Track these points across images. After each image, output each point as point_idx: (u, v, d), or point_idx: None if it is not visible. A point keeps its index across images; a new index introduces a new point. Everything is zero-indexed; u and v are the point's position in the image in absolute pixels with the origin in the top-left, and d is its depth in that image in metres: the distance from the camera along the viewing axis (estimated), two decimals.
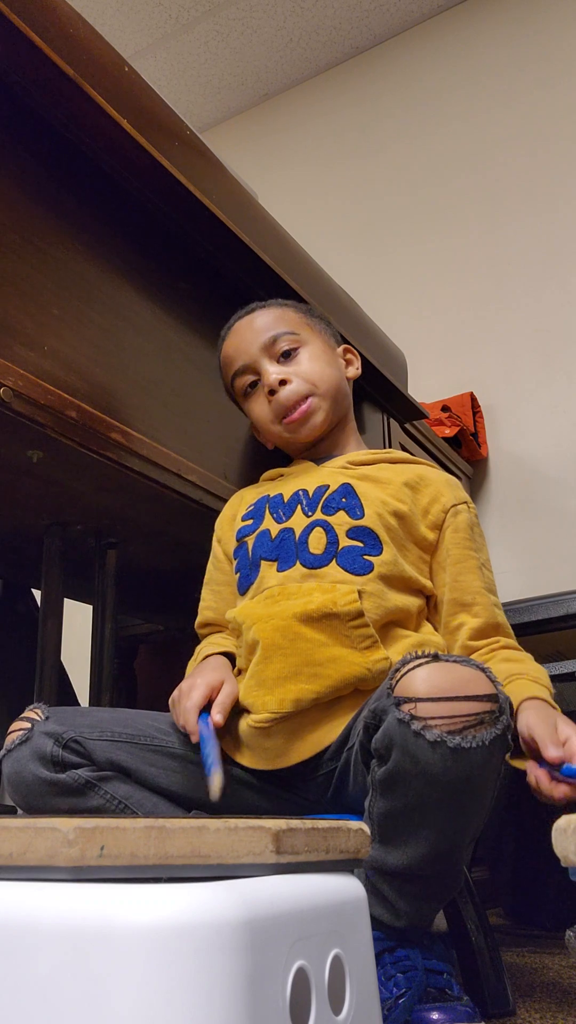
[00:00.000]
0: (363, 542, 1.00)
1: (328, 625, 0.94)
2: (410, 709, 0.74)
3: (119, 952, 0.39)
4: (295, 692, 0.92)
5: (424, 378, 2.45)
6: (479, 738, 0.74)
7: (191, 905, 0.40)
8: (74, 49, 0.98)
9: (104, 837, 0.42)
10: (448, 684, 0.75)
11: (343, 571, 0.98)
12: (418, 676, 0.76)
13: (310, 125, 3.15)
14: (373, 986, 0.51)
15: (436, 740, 0.73)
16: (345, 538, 1.00)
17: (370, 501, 1.03)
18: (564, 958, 1.26)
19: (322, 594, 0.96)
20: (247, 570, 1.06)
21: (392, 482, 1.07)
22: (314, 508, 1.04)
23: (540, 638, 1.36)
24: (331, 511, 1.03)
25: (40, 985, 0.39)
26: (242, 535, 1.09)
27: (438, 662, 0.77)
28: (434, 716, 0.74)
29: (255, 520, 1.08)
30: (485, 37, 2.84)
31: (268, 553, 1.04)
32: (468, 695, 0.75)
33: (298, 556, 1.01)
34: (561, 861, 0.59)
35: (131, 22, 2.95)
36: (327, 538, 1.00)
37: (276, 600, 0.98)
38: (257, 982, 0.40)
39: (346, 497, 1.04)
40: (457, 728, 0.73)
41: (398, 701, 0.76)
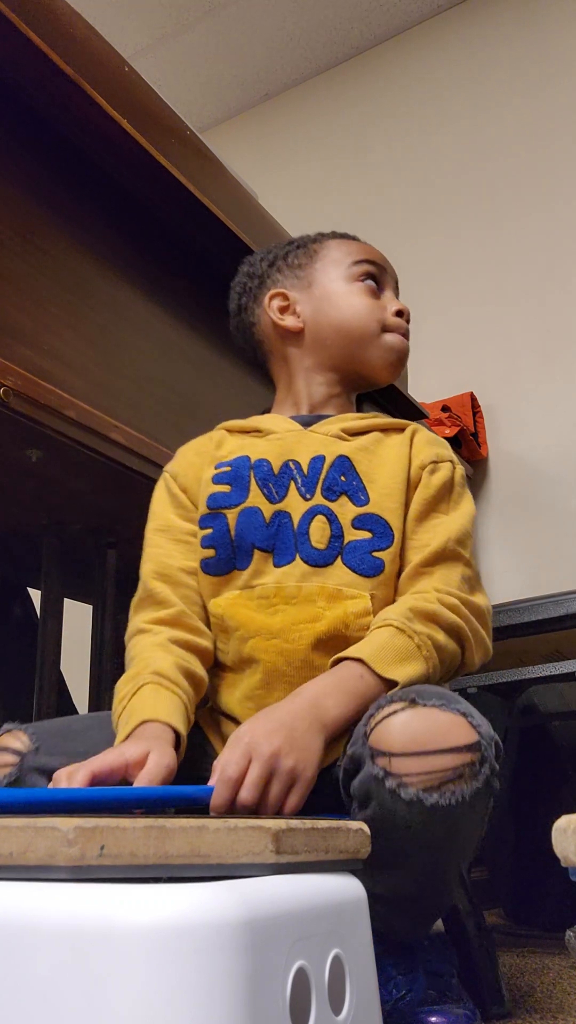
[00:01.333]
0: (371, 531, 0.88)
1: (335, 648, 0.84)
2: (384, 764, 0.68)
3: (119, 952, 0.39)
4: None
5: (424, 378, 2.45)
6: (458, 794, 0.68)
7: (191, 905, 0.40)
8: (74, 49, 0.98)
9: (104, 836, 0.42)
10: (425, 735, 0.68)
11: (350, 572, 0.86)
12: (393, 726, 0.69)
13: (310, 125, 3.15)
14: (373, 986, 0.51)
15: (412, 800, 0.67)
16: (351, 529, 0.88)
17: (373, 482, 0.91)
18: (564, 958, 1.26)
19: (329, 605, 0.85)
20: (228, 552, 0.89)
21: (388, 456, 0.94)
22: (312, 490, 0.90)
23: (540, 638, 1.36)
24: (333, 496, 0.90)
25: (40, 985, 0.39)
26: (219, 504, 0.91)
27: (415, 709, 0.70)
28: (410, 772, 0.67)
29: (236, 489, 0.91)
30: (485, 37, 2.84)
31: (263, 541, 0.88)
32: (446, 747, 0.68)
33: (298, 549, 0.87)
34: (561, 861, 0.59)
35: (131, 22, 2.95)
36: (331, 530, 0.88)
37: (274, 605, 0.86)
38: (257, 982, 0.40)
39: (345, 475, 0.91)
40: (434, 784, 0.67)
41: (372, 753, 0.69)
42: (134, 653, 0.86)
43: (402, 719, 0.69)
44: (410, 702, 0.70)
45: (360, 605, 0.85)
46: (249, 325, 1.05)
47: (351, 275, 1.01)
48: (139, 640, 0.87)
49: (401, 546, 0.89)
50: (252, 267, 1.07)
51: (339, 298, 1.00)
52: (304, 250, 1.05)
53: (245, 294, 1.06)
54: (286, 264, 1.04)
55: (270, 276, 1.04)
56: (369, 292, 1.01)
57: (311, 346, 1.00)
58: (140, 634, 0.88)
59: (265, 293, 1.03)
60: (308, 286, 1.02)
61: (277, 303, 1.01)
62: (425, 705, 0.70)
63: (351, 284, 1.01)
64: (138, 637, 0.88)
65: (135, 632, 0.89)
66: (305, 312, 1.01)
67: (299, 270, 1.03)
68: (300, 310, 1.01)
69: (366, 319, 0.99)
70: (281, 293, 1.02)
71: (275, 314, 1.01)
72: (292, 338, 1.01)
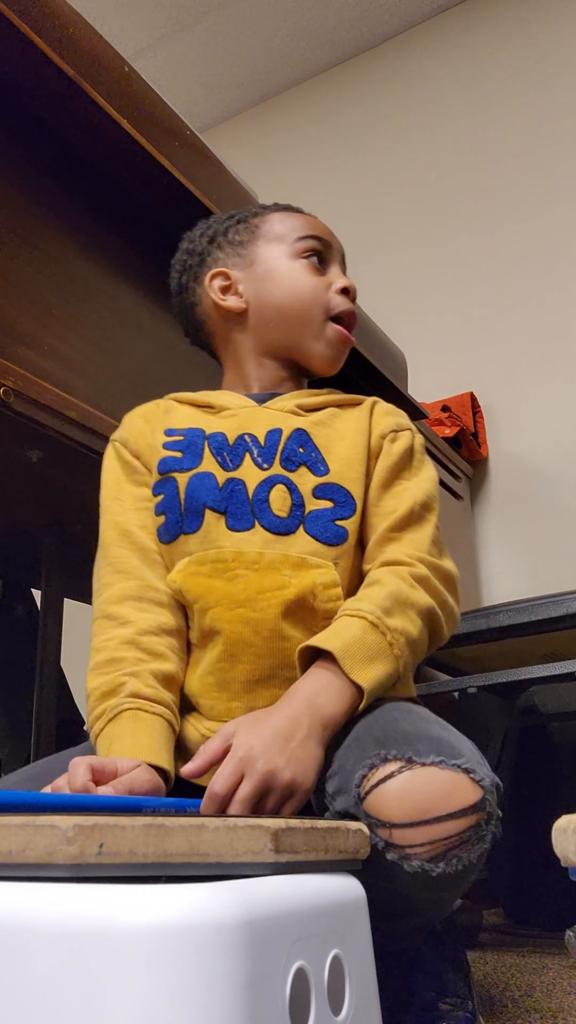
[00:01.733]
0: (333, 500, 0.85)
1: (302, 619, 0.81)
2: (385, 836, 0.63)
3: (118, 952, 0.39)
4: (267, 699, 0.79)
5: (424, 378, 2.45)
6: (464, 859, 0.63)
7: (191, 905, 0.40)
8: (74, 49, 0.98)
9: (103, 835, 0.42)
10: (427, 802, 0.63)
11: (313, 540, 0.83)
12: (391, 793, 0.63)
13: (310, 125, 3.16)
14: (373, 986, 0.51)
15: (416, 871, 0.62)
16: (312, 499, 0.85)
17: (332, 453, 0.89)
18: (564, 958, 1.26)
19: (294, 573, 0.81)
20: (175, 516, 0.85)
21: (346, 429, 0.92)
22: (270, 460, 0.87)
23: (540, 638, 1.35)
24: (292, 466, 0.86)
25: (38, 985, 0.39)
26: (169, 468, 0.88)
27: (412, 770, 0.64)
28: (413, 844, 0.62)
29: (188, 455, 0.88)
30: (485, 37, 2.84)
31: (215, 501, 0.84)
32: (451, 812, 0.62)
33: (257, 516, 0.83)
34: (561, 861, 0.59)
35: (131, 22, 2.95)
36: (291, 499, 0.84)
37: (234, 571, 0.81)
38: (256, 982, 0.40)
39: (303, 447, 0.88)
40: (439, 852, 0.62)
41: (370, 823, 0.63)
42: (102, 647, 0.80)
43: (400, 784, 0.64)
44: (407, 761, 0.64)
45: (328, 576, 0.82)
46: (191, 305, 1.01)
47: (294, 251, 0.97)
48: (107, 630, 0.81)
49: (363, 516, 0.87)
50: (192, 244, 1.02)
51: (282, 277, 0.96)
52: (245, 225, 1.00)
53: (185, 272, 1.01)
54: (227, 240, 0.99)
55: (210, 254, 1.00)
56: (313, 269, 0.96)
57: (255, 327, 0.96)
58: (106, 620, 0.82)
59: (206, 272, 0.98)
60: (250, 264, 0.97)
61: (218, 283, 0.97)
62: (423, 764, 0.64)
63: (294, 261, 0.96)
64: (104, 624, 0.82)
65: (101, 616, 0.83)
66: (247, 292, 0.96)
67: (240, 247, 0.98)
68: (242, 290, 0.97)
69: (309, 302, 0.95)
70: (222, 272, 0.97)
71: (216, 294, 0.97)
72: (235, 319, 0.97)
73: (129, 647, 0.79)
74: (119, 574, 0.84)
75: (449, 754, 0.65)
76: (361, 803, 0.64)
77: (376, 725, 0.72)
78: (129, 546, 0.86)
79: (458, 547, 2.25)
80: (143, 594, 0.83)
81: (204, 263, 0.99)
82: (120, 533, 0.86)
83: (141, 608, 0.82)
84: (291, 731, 0.69)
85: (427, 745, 0.66)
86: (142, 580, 0.84)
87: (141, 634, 0.80)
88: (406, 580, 0.81)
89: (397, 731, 0.69)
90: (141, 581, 0.84)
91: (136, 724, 0.74)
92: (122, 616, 0.81)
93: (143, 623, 0.81)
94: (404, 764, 0.64)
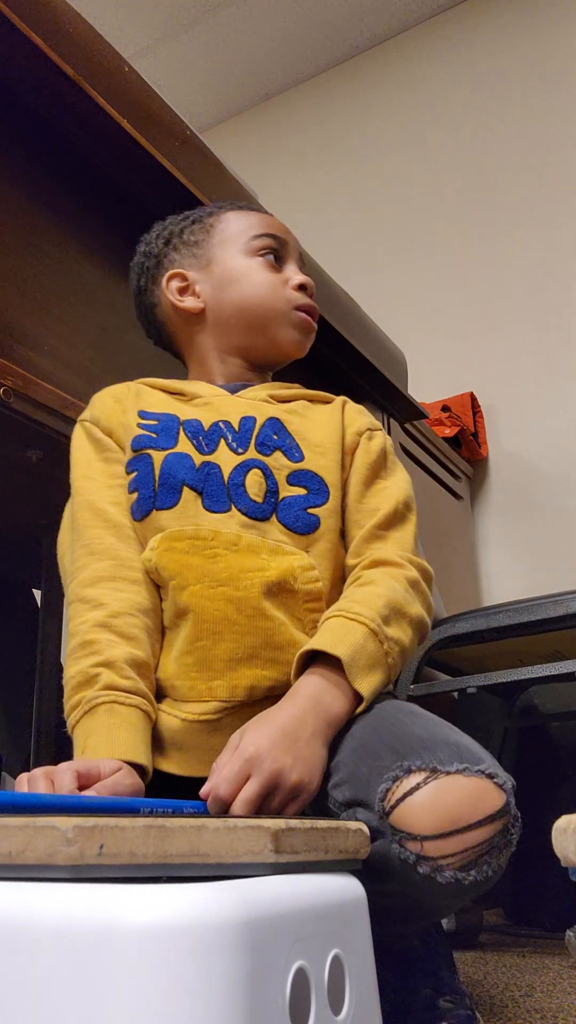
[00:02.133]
0: (306, 488, 0.86)
1: (283, 602, 0.81)
2: (416, 849, 0.61)
3: (118, 952, 0.39)
4: (250, 678, 0.78)
5: (424, 378, 2.45)
6: (493, 865, 0.62)
7: (190, 905, 0.40)
8: (74, 49, 0.98)
9: (103, 836, 0.42)
10: (455, 810, 0.62)
11: (285, 529, 0.83)
12: (420, 805, 0.62)
13: (310, 125, 3.16)
14: (373, 986, 0.51)
15: (449, 882, 0.61)
16: (286, 485, 0.86)
17: (306, 440, 0.90)
18: (564, 958, 1.26)
19: (272, 557, 0.81)
20: (149, 491, 0.84)
21: (319, 420, 0.93)
22: (245, 445, 0.87)
23: (540, 638, 1.36)
24: (267, 450, 0.87)
25: (39, 985, 0.39)
26: (144, 445, 0.87)
27: (438, 780, 0.63)
28: (444, 855, 0.61)
29: (164, 437, 0.87)
30: (485, 37, 2.84)
31: (194, 480, 0.84)
32: (480, 820, 0.62)
33: (233, 500, 0.83)
34: (561, 861, 0.59)
35: (131, 22, 2.95)
36: (267, 484, 0.85)
37: (213, 550, 0.81)
38: (256, 982, 0.40)
39: (278, 434, 0.89)
40: (470, 860, 0.61)
41: (399, 836, 0.62)
42: (75, 631, 0.79)
43: (428, 796, 0.62)
44: (431, 771, 0.63)
45: (304, 560, 0.82)
46: (150, 307, 1.01)
47: (250, 250, 0.97)
48: (81, 613, 0.80)
49: (343, 510, 0.88)
50: (148, 246, 1.01)
51: (239, 275, 0.96)
52: (200, 225, 1.00)
53: (143, 275, 1.01)
54: (182, 241, 0.99)
55: (167, 255, 1.00)
56: (269, 267, 0.96)
57: (214, 327, 0.96)
58: (80, 604, 0.81)
59: (163, 273, 0.98)
60: (207, 264, 0.97)
61: (175, 284, 0.97)
62: (448, 773, 0.63)
63: (251, 259, 0.96)
64: (78, 608, 0.81)
65: (75, 599, 0.82)
66: (205, 292, 0.96)
67: (196, 247, 0.98)
68: (200, 290, 0.96)
69: (269, 297, 0.95)
70: (179, 273, 0.97)
71: (174, 296, 0.97)
72: (194, 319, 0.97)
73: (102, 629, 0.78)
74: (92, 556, 0.83)
75: (471, 760, 0.64)
76: (387, 817, 0.63)
77: (384, 730, 0.70)
78: (102, 524, 0.84)
79: (458, 547, 2.25)
80: (117, 573, 0.82)
81: (161, 265, 0.99)
82: (93, 512, 0.85)
83: (115, 588, 0.81)
84: (297, 730, 0.69)
85: (447, 752, 0.65)
86: (116, 559, 0.82)
87: (114, 616, 0.79)
88: (401, 584, 0.82)
89: (411, 737, 0.68)
90: (115, 560, 0.82)
91: (112, 719, 0.73)
92: (95, 598, 0.80)
93: (116, 604, 0.79)
94: (429, 774, 0.63)
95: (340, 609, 0.78)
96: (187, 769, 0.77)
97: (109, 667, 0.76)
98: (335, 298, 1.47)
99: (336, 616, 0.78)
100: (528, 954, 1.31)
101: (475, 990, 1.05)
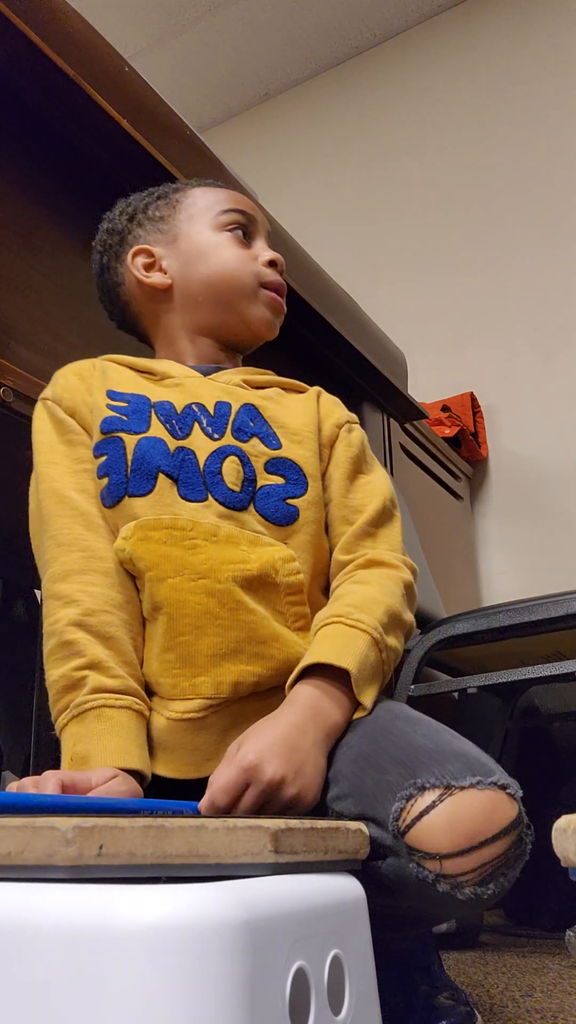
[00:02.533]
0: (284, 477, 0.84)
1: (264, 596, 0.78)
2: (435, 868, 0.60)
3: (118, 953, 0.38)
4: (235, 674, 0.75)
5: (424, 378, 2.45)
6: (510, 876, 0.61)
7: (190, 906, 0.40)
8: (74, 49, 0.98)
9: (103, 836, 0.42)
10: (472, 826, 0.60)
11: (263, 520, 0.81)
12: (436, 823, 0.60)
13: (310, 125, 3.16)
14: (373, 986, 0.51)
15: (468, 898, 0.60)
16: (264, 473, 0.83)
17: (283, 428, 0.87)
18: (564, 958, 1.26)
19: (252, 549, 0.79)
20: (121, 476, 0.80)
21: (295, 408, 0.91)
22: (221, 431, 0.84)
23: (540, 638, 1.35)
24: (244, 436, 0.84)
25: (38, 986, 0.39)
26: (115, 427, 0.83)
27: (452, 795, 0.61)
28: (464, 871, 0.60)
29: (135, 419, 0.84)
30: (486, 36, 2.84)
31: (169, 466, 0.81)
32: (496, 833, 0.60)
33: (210, 489, 0.80)
34: (561, 861, 0.59)
35: (131, 22, 2.95)
36: (244, 472, 0.82)
37: (192, 540, 0.78)
38: (256, 983, 0.40)
39: (254, 420, 0.86)
40: (488, 874, 0.60)
41: (417, 855, 0.61)
42: (52, 631, 0.77)
43: (444, 815, 0.60)
44: (445, 788, 0.61)
45: (284, 551, 0.80)
46: (114, 286, 0.97)
47: (218, 224, 0.94)
48: (54, 611, 0.77)
49: (327, 505, 0.87)
50: (112, 223, 0.98)
51: (208, 250, 0.93)
52: (165, 201, 0.97)
53: (106, 252, 0.98)
54: (147, 217, 0.97)
55: (131, 231, 0.97)
56: (238, 242, 0.94)
57: (182, 304, 0.94)
58: (53, 600, 0.78)
59: (127, 250, 0.95)
60: (173, 240, 0.95)
61: (141, 260, 0.94)
62: (462, 788, 0.61)
63: (219, 234, 0.94)
64: (52, 605, 0.78)
65: (48, 596, 0.79)
66: (172, 268, 0.94)
67: (162, 223, 0.96)
68: (166, 266, 0.94)
69: (238, 271, 0.92)
70: (145, 249, 0.94)
71: (139, 272, 0.94)
72: (161, 297, 0.94)
73: (78, 629, 0.75)
74: (60, 548, 0.80)
75: (482, 772, 0.63)
76: (402, 837, 0.61)
77: (385, 740, 0.69)
78: (70, 513, 0.81)
79: (458, 547, 2.25)
80: (88, 565, 0.79)
81: (125, 241, 0.97)
82: (58, 500, 0.82)
83: (87, 583, 0.78)
84: (297, 740, 0.67)
85: (457, 765, 0.63)
86: (85, 550, 0.79)
87: (89, 614, 0.76)
88: (398, 589, 0.81)
89: (416, 749, 0.66)
90: (84, 552, 0.79)
91: (101, 724, 0.72)
92: (67, 595, 0.77)
93: (90, 601, 0.76)
94: (443, 791, 0.61)
95: (339, 615, 0.76)
96: (173, 771, 0.75)
97: (95, 668, 0.74)
98: (335, 297, 1.47)
99: (336, 622, 0.76)
100: (528, 954, 1.31)
101: (475, 990, 1.05)
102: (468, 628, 1.32)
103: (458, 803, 0.61)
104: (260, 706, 0.76)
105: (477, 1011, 0.77)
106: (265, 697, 0.77)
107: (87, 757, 0.70)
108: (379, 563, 0.83)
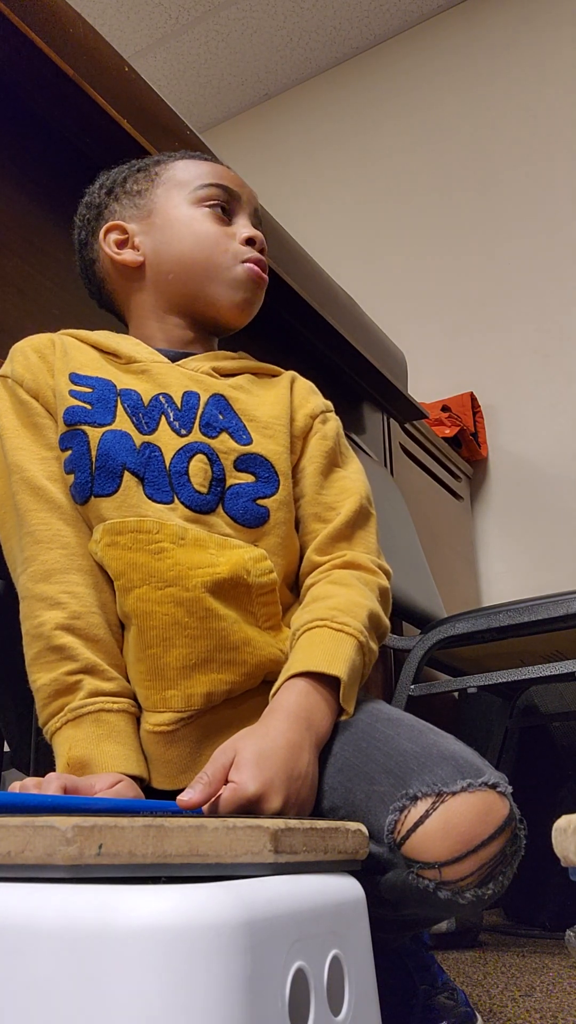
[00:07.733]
0: (255, 475, 0.80)
1: (235, 598, 0.76)
2: (434, 876, 0.59)
3: (118, 953, 0.39)
4: (206, 684, 0.73)
5: (424, 378, 2.45)
6: (508, 873, 0.61)
7: (190, 906, 0.40)
8: (74, 49, 0.98)
9: (102, 835, 0.42)
10: (467, 831, 0.59)
11: (232, 522, 0.78)
12: (431, 833, 0.60)
13: (310, 125, 3.16)
14: (372, 987, 0.51)
15: (470, 902, 0.60)
16: (233, 471, 0.80)
17: (253, 421, 0.84)
18: (564, 958, 1.26)
19: (220, 552, 0.76)
20: (86, 475, 0.77)
21: (266, 397, 0.87)
22: (188, 426, 0.80)
23: (540, 638, 1.35)
24: (213, 432, 0.80)
25: (39, 985, 0.39)
26: (78, 419, 0.79)
27: (445, 802, 0.60)
28: (463, 876, 0.59)
29: (100, 409, 0.79)
30: (486, 37, 2.84)
31: (136, 464, 0.77)
32: (491, 834, 0.60)
33: (176, 491, 0.77)
34: (561, 861, 0.59)
35: (131, 22, 2.95)
36: (212, 472, 0.78)
37: (159, 544, 0.75)
38: (256, 983, 0.40)
39: (223, 413, 0.82)
40: (486, 875, 0.60)
41: (415, 866, 0.60)
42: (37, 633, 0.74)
43: (439, 823, 0.60)
44: (437, 795, 0.60)
45: (254, 551, 0.77)
46: (90, 262, 0.94)
47: (195, 199, 0.89)
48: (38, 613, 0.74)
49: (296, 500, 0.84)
50: (90, 197, 0.94)
51: (181, 225, 0.88)
52: (145, 174, 0.92)
53: (84, 228, 0.94)
54: (124, 191, 0.92)
55: (107, 206, 0.92)
56: (216, 218, 0.89)
57: (153, 283, 0.89)
58: (36, 601, 0.75)
59: (102, 226, 0.91)
60: (148, 215, 0.90)
61: (113, 236, 0.90)
62: (454, 793, 0.60)
63: (195, 209, 0.89)
64: (34, 606, 0.75)
65: (29, 596, 0.75)
66: (144, 244, 0.89)
67: (138, 197, 0.91)
68: (139, 242, 0.90)
69: (210, 248, 0.87)
70: (117, 225, 0.90)
71: (111, 248, 0.90)
72: (132, 274, 0.90)
73: (66, 633, 0.73)
74: (39, 545, 0.76)
75: (472, 774, 0.62)
76: (399, 849, 0.61)
77: (370, 747, 0.67)
78: (46, 507, 0.77)
79: (458, 547, 2.25)
80: (70, 564, 0.76)
81: (101, 216, 0.93)
82: (32, 493, 0.77)
83: (71, 583, 0.75)
84: (296, 764, 0.64)
85: (446, 769, 0.62)
86: (66, 547, 0.76)
87: (76, 617, 0.74)
88: (375, 594, 0.79)
89: (403, 755, 0.65)
90: (64, 548, 0.76)
91: (99, 729, 0.71)
92: (51, 596, 0.74)
93: (76, 604, 0.74)
94: (435, 799, 0.60)
95: (324, 618, 0.74)
96: (152, 780, 0.74)
97: (90, 673, 0.73)
98: (334, 298, 1.47)
99: (322, 626, 0.74)
100: (528, 954, 1.31)
101: (475, 990, 1.05)
102: (468, 628, 1.32)
103: (451, 809, 0.60)
104: (232, 715, 0.74)
105: (477, 1011, 0.77)
106: (238, 704, 0.75)
107: (86, 762, 0.69)
108: (357, 566, 0.81)
